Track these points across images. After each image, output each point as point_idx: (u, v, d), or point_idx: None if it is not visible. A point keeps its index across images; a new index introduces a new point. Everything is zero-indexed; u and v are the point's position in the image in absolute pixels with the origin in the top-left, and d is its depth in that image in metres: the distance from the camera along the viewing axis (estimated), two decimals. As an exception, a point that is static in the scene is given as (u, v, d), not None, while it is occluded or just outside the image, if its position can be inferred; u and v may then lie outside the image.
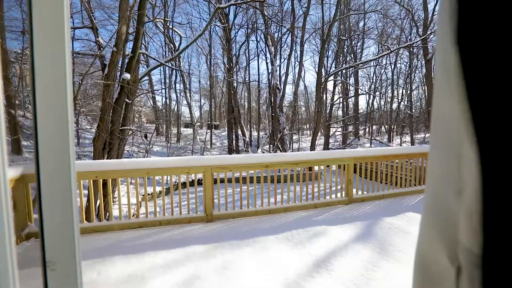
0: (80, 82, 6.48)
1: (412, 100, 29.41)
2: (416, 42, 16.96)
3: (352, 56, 25.33)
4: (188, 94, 25.41)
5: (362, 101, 45.86)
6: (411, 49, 23.97)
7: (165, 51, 23.41)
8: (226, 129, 24.25)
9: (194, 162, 3.32)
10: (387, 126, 32.96)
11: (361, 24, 25.22)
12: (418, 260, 0.31)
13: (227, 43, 21.12)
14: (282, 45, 23.80)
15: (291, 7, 18.30)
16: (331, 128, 22.13)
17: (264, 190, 3.53)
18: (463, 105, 0.23)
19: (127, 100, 8.60)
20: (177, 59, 22.09)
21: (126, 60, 8.17)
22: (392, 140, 29.97)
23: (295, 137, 25.74)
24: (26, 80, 20.61)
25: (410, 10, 20.48)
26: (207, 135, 25.64)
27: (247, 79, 26.36)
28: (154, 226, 3.21)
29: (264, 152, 21.80)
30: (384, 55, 18.83)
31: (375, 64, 27.89)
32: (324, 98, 24.55)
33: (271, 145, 21.75)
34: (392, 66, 29.28)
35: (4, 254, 0.54)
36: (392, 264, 2.23)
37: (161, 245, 2.70)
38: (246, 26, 22.86)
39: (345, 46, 23.92)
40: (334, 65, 24.61)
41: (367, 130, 32.83)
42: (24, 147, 12.11)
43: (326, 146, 21.02)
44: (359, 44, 26.67)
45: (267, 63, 22.80)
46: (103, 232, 3.04)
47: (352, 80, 25.17)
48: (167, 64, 12.39)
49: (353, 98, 25.89)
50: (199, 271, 2.18)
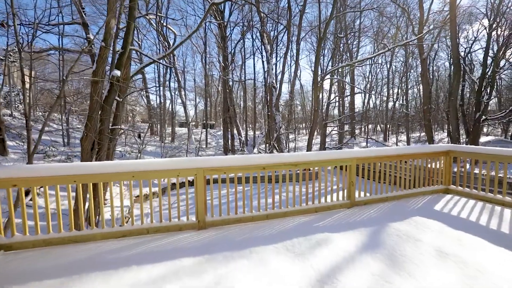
0: (64, 78, 6.09)
1: (408, 99, 29.48)
2: (412, 40, 16.88)
3: (348, 55, 25.22)
4: (182, 93, 24.99)
5: (358, 100, 45.95)
6: (408, 47, 23.98)
7: (159, 49, 22.93)
8: (222, 128, 23.90)
9: (185, 164, 3.03)
10: (382, 125, 33.03)
11: (357, 23, 25.13)
12: None
13: (222, 41, 20.76)
14: (278, 43, 23.56)
15: (287, 4, 18.05)
16: (327, 127, 21.97)
17: (261, 190, 3.29)
18: None
19: (117, 98, 8.24)
20: (171, 57, 21.66)
21: (117, 57, 7.78)
22: (388, 139, 30.02)
23: (291, 136, 25.55)
24: (12, 77, 19.94)
25: (406, 9, 20.40)
26: (202, 135, 25.25)
27: (242, 78, 26.05)
28: (141, 234, 2.92)
29: (260, 152, 21.55)
30: (382, 53, 18.72)
31: (371, 63, 27.84)
32: (321, 97, 24.40)
33: (267, 144, 21.52)
34: (388, 65, 29.31)
35: None
36: (406, 279, 1.99)
37: (147, 257, 2.41)
38: (241, 24, 22.54)
39: (341, 45, 23.77)
40: (330, 63, 24.47)
41: (363, 129, 32.85)
42: (10, 147, 11.63)
43: (323, 146, 20.87)
44: (355, 43, 26.58)
45: (263, 62, 22.54)
46: (84, 242, 2.74)
47: (348, 79, 25.06)
48: (160, 61, 12.01)
49: (349, 97, 25.79)
50: (188, 290, 1.91)
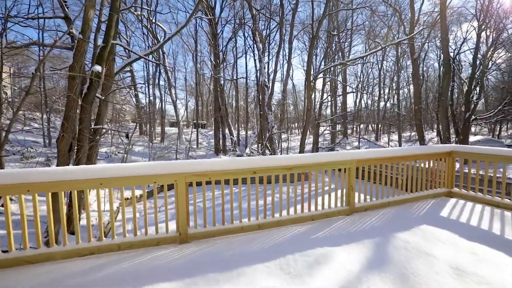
0: (33, 73, 5.55)
1: (400, 99, 29.71)
2: (404, 40, 16.87)
3: (340, 54, 25.16)
4: (173, 91, 24.34)
5: (350, 100, 46.16)
6: (399, 47, 24.08)
7: (149, 47, 22.21)
8: (213, 128, 23.39)
9: (163, 169, 2.62)
10: (374, 125, 33.23)
11: (349, 22, 25.07)
12: None
13: (213, 38, 20.26)
14: (271, 42, 23.24)
15: (279, 1, 17.74)
16: (320, 127, 21.80)
17: (251, 192, 2.89)
18: None
19: (99, 96, 7.70)
20: (161, 54, 21.01)
21: (98, 51, 7.24)
22: (380, 138, 30.19)
23: (284, 136, 25.29)
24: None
25: (398, 9, 20.44)
26: (193, 135, 24.66)
27: (234, 77, 25.60)
28: (112, 251, 2.50)
29: (252, 152, 21.16)
30: (375, 51, 18.68)
31: (363, 62, 27.89)
32: (313, 96, 24.21)
33: (260, 144, 21.16)
34: (379, 65, 29.44)
35: None
36: (425, 309, 1.66)
37: (116, 282, 2.01)
38: (233, 21, 22.08)
39: (333, 44, 23.65)
40: (323, 63, 24.32)
41: (355, 128, 32.96)
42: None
43: (316, 145, 20.67)
44: (347, 42, 26.55)
45: (255, 60, 22.15)
46: (41, 263, 2.30)
47: (340, 79, 25.00)
48: (147, 57, 11.47)
49: (341, 97, 25.74)
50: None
